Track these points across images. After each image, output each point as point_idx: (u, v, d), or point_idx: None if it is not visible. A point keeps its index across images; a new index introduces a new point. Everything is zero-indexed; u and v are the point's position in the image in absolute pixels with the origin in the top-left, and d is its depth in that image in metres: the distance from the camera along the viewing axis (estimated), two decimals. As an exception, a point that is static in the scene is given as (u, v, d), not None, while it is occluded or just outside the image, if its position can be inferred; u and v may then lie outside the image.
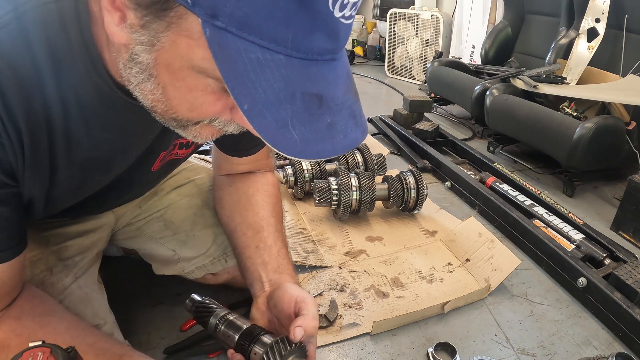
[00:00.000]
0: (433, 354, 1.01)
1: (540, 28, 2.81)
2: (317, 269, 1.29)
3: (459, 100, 2.77)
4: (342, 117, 0.48)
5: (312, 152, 0.47)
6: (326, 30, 0.44)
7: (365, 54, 5.26)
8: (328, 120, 0.47)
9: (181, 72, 0.48)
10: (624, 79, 2.09)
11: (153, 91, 0.51)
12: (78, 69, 0.56)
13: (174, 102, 0.52)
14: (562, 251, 1.31)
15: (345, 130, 0.49)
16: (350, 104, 0.50)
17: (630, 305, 1.09)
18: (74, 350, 0.51)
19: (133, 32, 0.46)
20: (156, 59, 0.48)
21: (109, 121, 0.63)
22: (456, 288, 1.24)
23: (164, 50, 0.46)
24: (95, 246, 0.96)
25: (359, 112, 0.52)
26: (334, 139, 0.48)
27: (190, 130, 0.57)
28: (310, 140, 0.46)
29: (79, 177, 0.67)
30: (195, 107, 0.52)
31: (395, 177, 1.57)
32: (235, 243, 0.93)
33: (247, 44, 0.42)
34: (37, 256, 0.85)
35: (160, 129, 0.73)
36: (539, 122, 1.95)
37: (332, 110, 0.47)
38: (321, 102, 0.46)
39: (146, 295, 1.15)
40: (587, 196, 1.89)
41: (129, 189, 0.88)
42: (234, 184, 0.98)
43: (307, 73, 0.45)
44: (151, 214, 1.05)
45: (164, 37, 0.45)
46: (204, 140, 0.60)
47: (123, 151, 0.71)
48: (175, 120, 0.55)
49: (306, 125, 0.45)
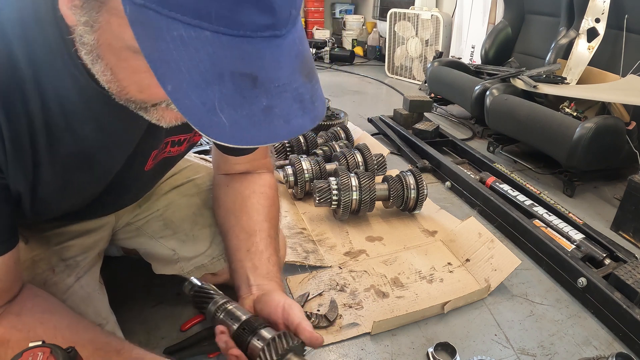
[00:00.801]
0: (433, 354, 1.01)
1: (540, 28, 2.81)
2: (317, 269, 1.29)
3: (459, 100, 2.77)
4: (284, 101, 0.44)
5: (244, 139, 0.43)
6: (256, 2, 0.40)
7: (365, 54, 5.26)
8: (264, 104, 0.43)
9: (122, 52, 0.47)
10: (624, 79, 2.09)
11: (104, 72, 0.50)
12: (56, 61, 0.55)
13: (123, 83, 0.51)
14: (562, 251, 1.31)
15: (287, 116, 0.44)
16: (296, 86, 0.45)
17: (630, 305, 1.09)
18: (74, 350, 0.51)
19: (76, 13, 0.46)
20: (98, 40, 0.47)
21: (87, 115, 0.61)
22: (456, 288, 1.24)
23: (102, 31, 0.46)
24: (96, 245, 0.96)
25: (310, 96, 0.47)
26: (271, 124, 0.44)
27: (151, 113, 0.55)
28: (243, 125, 0.43)
29: (62, 175, 0.66)
30: (143, 89, 0.50)
31: (395, 177, 1.57)
32: (227, 244, 0.93)
33: (169, 21, 0.39)
34: (38, 256, 0.85)
35: (146, 127, 0.71)
36: (539, 122, 1.95)
37: (270, 93, 0.43)
38: (255, 83, 0.42)
39: (146, 295, 1.15)
40: (587, 196, 1.89)
41: (126, 191, 0.87)
42: (231, 184, 0.98)
43: (238, 51, 0.41)
44: (151, 213, 1.05)
45: (99, 16, 0.45)
46: (169, 124, 0.57)
47: (106, 148, 0.69)
48: (132, 102, 0.54)
49: (237, 109, 0.42)
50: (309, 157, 1.73)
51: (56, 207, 0.74)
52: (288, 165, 1.71)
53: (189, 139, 0.86)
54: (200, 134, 0.44)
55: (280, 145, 1.97)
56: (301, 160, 1.67)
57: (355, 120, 2.66)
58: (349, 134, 2.09)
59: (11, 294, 0.66)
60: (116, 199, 0.89)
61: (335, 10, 5.65)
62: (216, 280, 1.08)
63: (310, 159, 1.71)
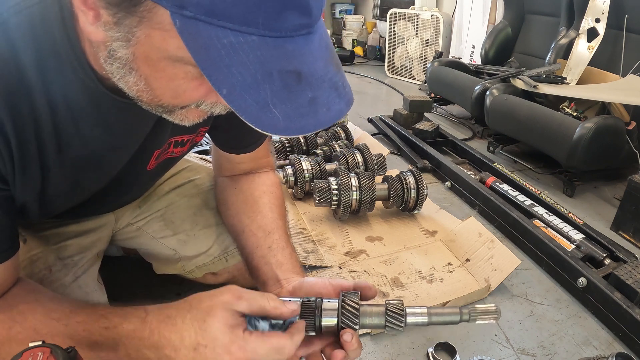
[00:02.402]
0: (433, 354, 1.01)
1: (540, 28, 2.81)
2: (317, 269, 1.29)
3: (459, 100, 2.77)
4: (324, 91, 0.48)
5: (296, 129, 0.47)
6: (297, 6, 0.43)
7: (365, 54, 5.26)
8: (309, 96, 0.47)
9: (160, 63, 0.48)
10: (624, 79, 2.09)
11: (136, 83, 0.52)
12: (64, 67, 0.56)
13: (157, 92, 0.52)
14: (562, 251, 1.31)
15: (327, 104, 0.48)
16: (331, 76, 0.49)
17: (630, 305, 1.09)
18: (74, 350, 0.51)
19: (108, 29, 0.47)
20: (134, 53, 0.48)
21: (96, 119, 0.63)
22: (456, 288, 1.24)
23: (140, 44, 0.47)
24: (95, 246, 0.96)
25: (342, 83, 0.51)
26: (317, 113, 0.48)
27: (177, 115, 0.57)
28: (293, 117, 0.46)
29: (71, 177, 0.67)
30: (179, 94, 0.52)
31: (395, 177, 1.57)
32: (244, 243, 0.91)
33: (218, 30, 0.42)
34: (36, 255, 0.85)
35: (151, 127, 0.73)
36: (539, 122, 1.95)
37: (312, 85, 0.47)
38: (300, 78, 0.46)
39: (146, 295, 1.15)
40: (587, 196, 1.89)
41: (127, 190, 0.87)
42: (238, 185, 0.97)
43: (283, 51, 0.44)
44: (151, 213, 1.05)
45: (138, 31, 0.46)
46: (191, 123, 0.60)
47: (113, 149, 0.70)
48: (162, 107, 0.55)
49: (287, 103, 0.45)
50: (309, 157, 1.73)
51: (62, 206, 0.75)
52: (288, 165, 1.71)
53: (192, 139, 0.86)
54: (254, 127, 0.46)
55: (280, 145, 1.97)
56: (301, 160, 1.67)
57: (355, 120, 2.66)
58: (349, 134, 2.09)
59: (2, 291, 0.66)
60: (116, 198, 0.89)
61: (335, 10, 5.65)
62: (217, 280, 1.09)
63: (310, 159, 1.71)
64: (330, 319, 0.63)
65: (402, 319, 0.62)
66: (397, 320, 0.62)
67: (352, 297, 0.65)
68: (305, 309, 0.64)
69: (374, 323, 0.63)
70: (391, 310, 0.63)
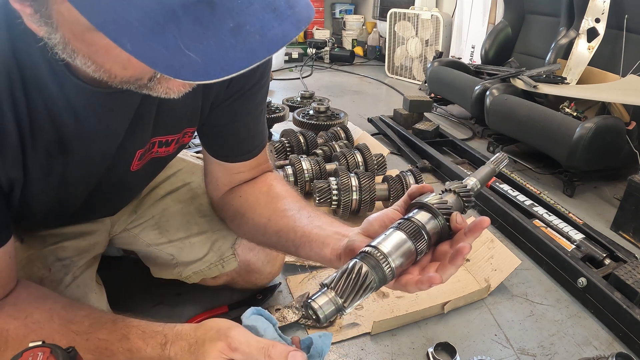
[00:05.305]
0: (433, 354, 1.01)
1: (540, 28, 2.81)
2: (317, 269, 1.29)
3: (459, 100, 2.77)
4: (252, 15, 0.40)
5: (221, 68, 0.40)
6: None
7: (365, 54, 5.26)
8: (230, 25, 0.39)
9: (85, 36, 0.46)
10: (624, 79, 2.09)
11: (86, 63, 0.49)
12: (39, 64, 0.56)
13: (106, 67, 0.49)
14: (562, 251, 1.31)
15: (261, 30, 0.40)
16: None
17: (630, 305, 1.09)
18: (74, 350, 0.51)
19: (35, 20, 0.46)
20: (63, 35, 0.47)
21: (65, 106, 0.62)
22: (456, 288, 1.24)
23: (61, 24, 0.45)
24: (92, 249, 0.95)
25: (284, 1, 0.42)
26: (245, 43, 0.40)
27: (155, 89, 0.52)
28: (215, 56, 0.39)
29: (45, 162, 0.65)
30: (125, 64, 0.48)
31: (395, 177, 1.57)
32: (275, 227, 0.83)
33: None
34: (35, 255, 0.85)
35: (129, 124, 0.70)
36: (539, 122, 1.95)
37: (232, 11, 0.39)
38: (213, 6, 0.39)
39: (146, 295, 1.15)
40: (587, 196, 1.89)
41: (114, 191, 0.85)
42: (243, 193, 0.91)
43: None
44: (146, 220, 1.04)
45: (51, 12, 0.44)
46: (177, 94, 0.54)
47: (82, 137, 0.67)
48: (127, 83, 0.51)
49: (203, 41, 0.39)
50: (309, 157, 1.73)
51: (45, 198, 0.72)
52: (288, 165, 1.71)
53: (177, 139, 0.82)
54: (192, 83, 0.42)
55: (280, 145, 1.97)
56: (301, 160, 1.67)
57: (355, 120, 2.66)
58: (349, 134, 2.09)
59: (8, 289, 0.67)
60: (105, 201, 0.87)
61: (335, 10, 5.65)
62: (216, 282, 1.09)
63: (310, 159, 1.71)
64: (433, 221, 0.63)
65: (471, 193, 0.68)
66: (468, 197, 0.68)
67: (429, 198, 0.64)
68: (409, 231, 0.61)
69: (457, 207, 0.67)
70: (459, 193, 0.67)
